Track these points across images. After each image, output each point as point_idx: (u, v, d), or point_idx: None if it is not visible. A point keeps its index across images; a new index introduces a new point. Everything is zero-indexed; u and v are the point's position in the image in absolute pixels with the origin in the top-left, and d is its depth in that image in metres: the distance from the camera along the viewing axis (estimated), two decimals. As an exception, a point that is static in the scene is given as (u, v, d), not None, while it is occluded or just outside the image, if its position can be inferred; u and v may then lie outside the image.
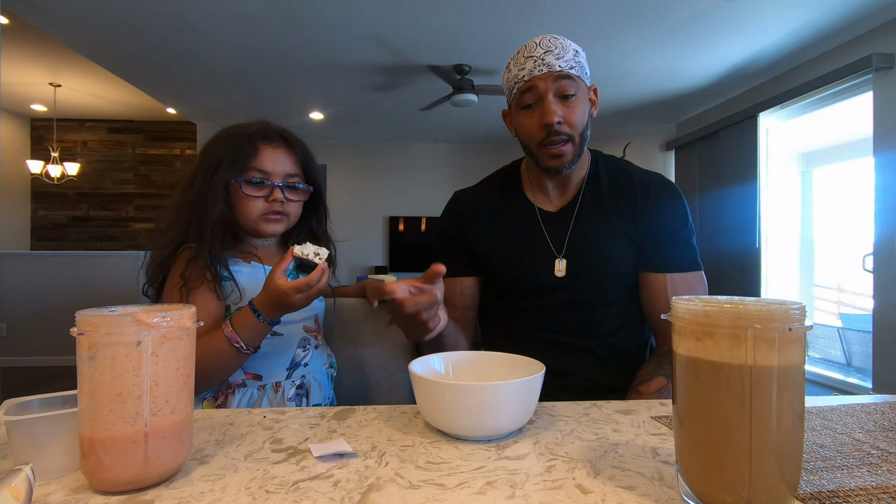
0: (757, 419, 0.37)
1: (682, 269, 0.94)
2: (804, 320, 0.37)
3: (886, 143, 3.13)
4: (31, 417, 0.45)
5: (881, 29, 3.17)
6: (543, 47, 0.90)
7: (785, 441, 0.37)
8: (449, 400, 0.55)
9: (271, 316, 0.82)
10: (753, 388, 0.37)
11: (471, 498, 0.42)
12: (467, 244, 1.05)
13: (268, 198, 0.93)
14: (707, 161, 4.81)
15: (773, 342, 0.36)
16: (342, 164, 6.40)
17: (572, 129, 0.90)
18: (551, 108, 0.88)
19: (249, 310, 0.81)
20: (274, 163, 0.93)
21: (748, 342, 0.37)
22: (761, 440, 0.37)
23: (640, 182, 0.99)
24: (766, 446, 0.37)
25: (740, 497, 0.38)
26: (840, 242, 4.38)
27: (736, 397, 0.37)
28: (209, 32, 3.28)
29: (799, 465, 0.39)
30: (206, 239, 0.87)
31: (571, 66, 0.90)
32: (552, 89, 0.89)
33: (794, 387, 0.37)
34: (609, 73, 3.99)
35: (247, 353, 0.83)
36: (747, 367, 0.37)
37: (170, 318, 0.44)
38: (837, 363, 4.13)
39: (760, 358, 0.37)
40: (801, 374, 0.38)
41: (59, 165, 5.50)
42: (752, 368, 0.37)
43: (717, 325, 0.38)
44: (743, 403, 0.37)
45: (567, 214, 0.99)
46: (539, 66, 0.89)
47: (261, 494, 0.42)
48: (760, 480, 0.37)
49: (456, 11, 3.00)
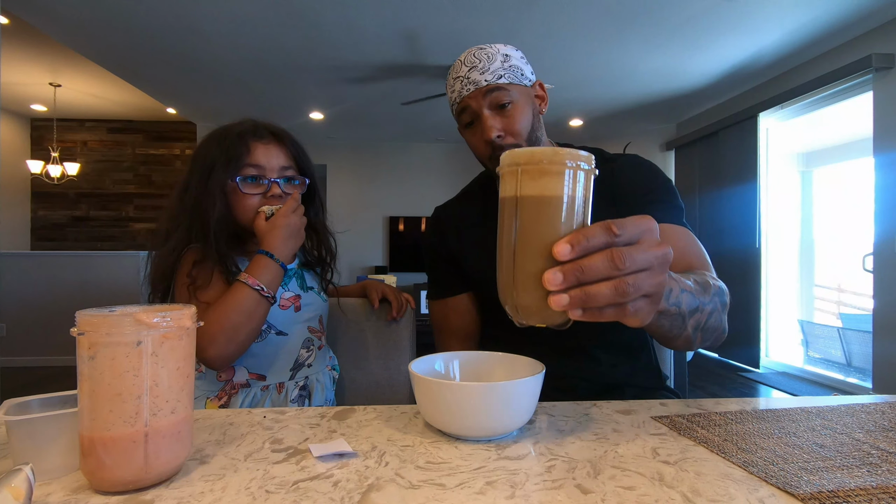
0: (520, 238, 0.46)
1: (661, 220, 0.84)
2: (561, 160, 0.45)
3: (886, 143, 3.13)
4: (31, 417, 0.45)
5: (881, 29, 3.17)
6: (468, 64, 0.89)
7: (534, 255, 0.45)
8: (449, 400, 0.55)
9: (283, 255, 0.87)
10: (519, 211, 0.46)
11: (471, 498, 0.42)
12: (452, 259, 1.04)
13: (265, 194, 0.93)
14: (707, 161, 4.81)
15: (534, 174, 0.45)
16: (342, 164, 6.40)
17: (515, 137, 0.89)
18: (488, 125, 0.88)
19: (263, 255, 0.86)
20: (267, 158, 0.94)
21: (518, 176, 0.46)
22: (521, 255, 0.46)
23: (609, 166, 0.95)
24: (524, 260, 0.46)
25: (511, 301, 0.48)
26: (840, 242, 4.38)
27: (509, 221, 0.47)
28: (209, 32, 3.28)
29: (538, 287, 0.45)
30: (211, 241, 0.88)
31: (499, 75, 0.88)
32: (485, 104, 0.88)
33: (552, 210, 0.45)
34: (609, 73, 3.99)
35: (268, 297, 0.84)
36: (514, 198, 0.46)
37: (170, 318, 0.44)
38: (837, 363, 4.13)
39: (525, 188, 0.45)
40: (558, 202, 0.45)
41: (59, 165, 5.50)
42: (519, 198, 0.46)
43: (504, 168, 0.47)
44: (511, 226, 0.46)
45: None
46: (466, 85, 0.89)
47: (261, 494, 0.42)
48: (522, 287, 0.46)
49: (456, 11, 3.01)
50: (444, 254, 1.05)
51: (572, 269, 0.43)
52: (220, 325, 0.80)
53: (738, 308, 4.26)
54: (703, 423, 0.59)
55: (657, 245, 0.46)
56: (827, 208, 4.40)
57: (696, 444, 0.53)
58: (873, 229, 3.21)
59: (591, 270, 0.42)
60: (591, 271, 0.42)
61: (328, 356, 1.06)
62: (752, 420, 0.60)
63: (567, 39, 3.39)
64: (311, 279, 1.05)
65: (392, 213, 6.46)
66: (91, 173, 6.07)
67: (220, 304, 0.82)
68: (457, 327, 1.04)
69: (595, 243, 0.43)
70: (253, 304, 0.83)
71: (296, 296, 0.98)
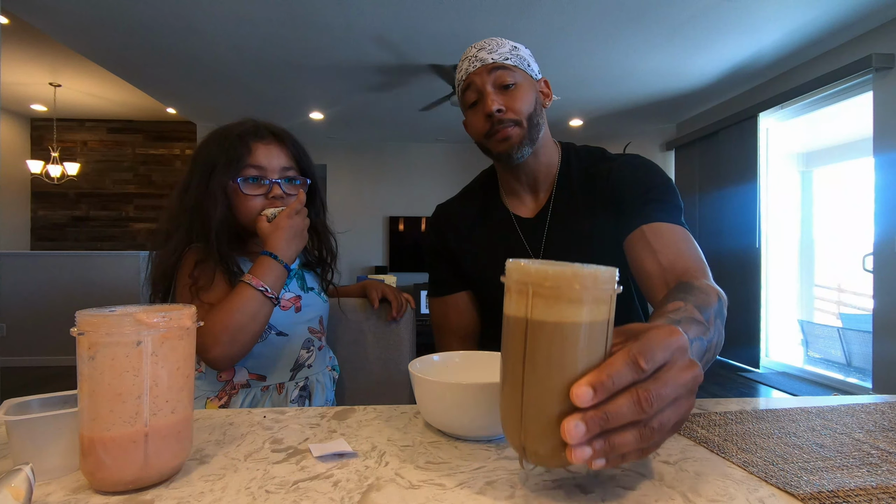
0: (529, 368, 0.39)
1: (659, 220, 0.85)
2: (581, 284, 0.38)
3: (886, 143, 3.13)
4: (31, 417, 0.45)
5: (881, 29, 3.17)
6: (478, 47, 0.92)
7: (547, 393, 0.39)
8: (449, 400, 0.55)
9: (287, 256, 0.86)
10: (529, 339, 0.39)
11: (471, 498, 0.42)
12: (452, 258, 1.04)
13: (267, 195, 0.93)
14: (707, 161, 4.81)
15: (548, 299, 0.39)
16: (342, 164, 6.40)
17: (517, 114, 0.89)
18: (490, 98, 0.89)
19: (266, 256, 0.85)
20: (268, 158, 0.94)
21: (528, 297, 0.39)
22: (531, 390, 0.39)
23: (609, 165, 0.96)
24: (535, 397, 0.39)
25: (517, 440, 0.41)
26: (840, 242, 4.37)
27: (516, 346, 0.40)
28: (209, 32, 3.28)
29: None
30: (213, 242, 0.88)
31: (507, 58, 0.90)
32: (489, 81, 0.90)
33: (568, 344, 0.39)
34: (609, 73, 3.99)
35: (271, 297, 0.84)
36: (524, 320, 0.40)
37: (170, 318, 0.44)
38: (837, 363, 4.13)
39: (536, 313, 0.39)
40: (575, 331, 0.38)
41: (59, 165, 5.50)
42: (529, 321, 0.39)
43: (510, 281, 0.41)
44: (519, 352, 0.40)
45: (542, 219, 0.98)
46: (473, 63, 0.91)
47: (261, 494, 0.42)
48: (532, 427, 0.39)
49: (456, 11, 3.01)
50: (445, 252, 1.05)
51: (596, 419, 0.36)
52: (224, 326, 0.80)
53: (738, 308, 4.26)
54: (703, 423, 0.59)
55: (687, 367, 0.40)
56: (827, 208, 4.40)
57: (696, 444, 0.53)
58: (873, 229, 3.21)
59: (616, 418, 0.36)
60: (616, 419, 0.36)
61: (328, 356, 1.06)
62: (752, 420, 0.60)
63: (567, 39, 3.39)
64: (312, 280, 1.05)
65: (392, 213, 6.46)
66: (91, 173, 6.07)
67: (224, 304, 0.82)
68: (456, 326, 1.05)
69: (620, 384, 0.37)
70: (257, 305, 0.83)
71: (296, 296, 0.98)
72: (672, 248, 0.82)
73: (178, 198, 0.93)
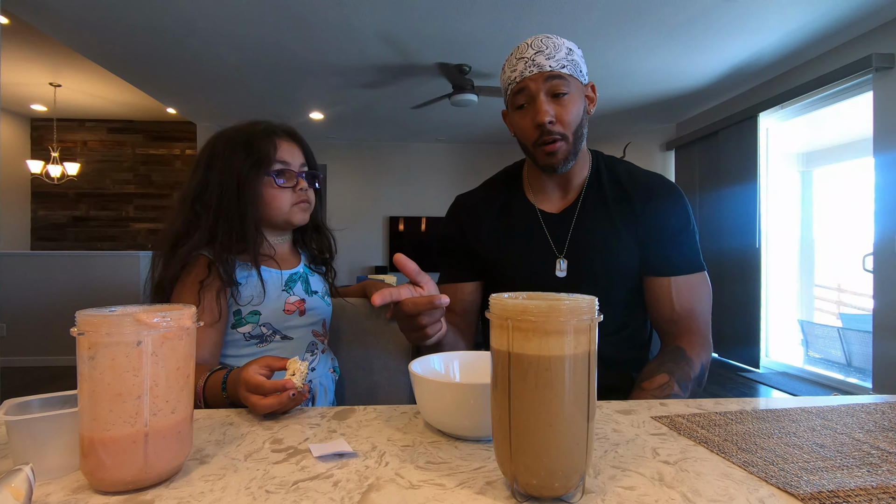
0: (515, 400, 0.40)
1: (686, 270, 0.95)
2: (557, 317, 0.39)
3: (886, 143, 3.13)
4: (31, 417, 0.45)
5: (881, 29, 3.17)
6: (534, 48, 0.91)
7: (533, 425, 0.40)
8: (449, 400, 0.55)
9: (233, 396, 0.70)
10: (512, 372, 0.41)
11: (471, 498, 0.42)
12: (468, 248, 1.05)
13: (295, 188, 0.97)
14: (707, 161, 4.81)
15: (527, 332, 0.40)
16: (342, 164, 6.40)
17: (565, 127, 0.91)
18: (542, 108, 0.89)
19: (221, 378, 0.74)
20: (291, 155, 0.98)
21: (509, 331, 0.41)
22: (518, 421, 0.40)
23: (643, 182, 0.99)
24: (521, 428, 0.40)
25: (508, 470, 0.42)
26: (840, 242, 4.38)
27: (502, 378, 0.41)
28: (209, 32, 3.28)
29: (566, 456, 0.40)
30: (250, 238, 0.90)
31: (563, 65, 0.90)
32: (543, 89, 0.90)
33: (549, 375, 0.39)
34: (609, 73, 3.99)
35: (200, 405, 0.75)
36: (507, 353, 0.41)
37: (170, 318, 0.44)
38: (837, 363, 4.13)
39: (517, 346, 0.40)
40: (557, 363, 0.39)
41: (59, 165, 5.50)
42: (511, 354, 0.40)
43: (493, 315, 0.42)
44: (505, 385, 0.41)
45: (568, 215, 0.99)
46: (529, 66, 0.90)
47: (261, 494, 0.42)
48: (521, 459, 0.40)
49: (456, 11, 3.01)
50: (461, 241, 1.06)
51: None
52: None
53: (739, 308, 4.26)
54: (703, 423, 0.59)
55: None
56: (827, 208, 4.40)
57: (696, 444, 0.53)
58: (873, 229, 3.21)
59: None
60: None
61: (330, 358, 1.06)
62: (752, 420, 0.60)
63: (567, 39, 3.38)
64: (317, 283, 1.05)
65: (392, 213, 6.46)
66: (91, 173, 6.07)
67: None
68: (457, 309, 1.05)
69: None
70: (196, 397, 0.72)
71: (300, 300, 0.98)
72: (687, 299, 0.95)
73: (193, 198, 0.93)
